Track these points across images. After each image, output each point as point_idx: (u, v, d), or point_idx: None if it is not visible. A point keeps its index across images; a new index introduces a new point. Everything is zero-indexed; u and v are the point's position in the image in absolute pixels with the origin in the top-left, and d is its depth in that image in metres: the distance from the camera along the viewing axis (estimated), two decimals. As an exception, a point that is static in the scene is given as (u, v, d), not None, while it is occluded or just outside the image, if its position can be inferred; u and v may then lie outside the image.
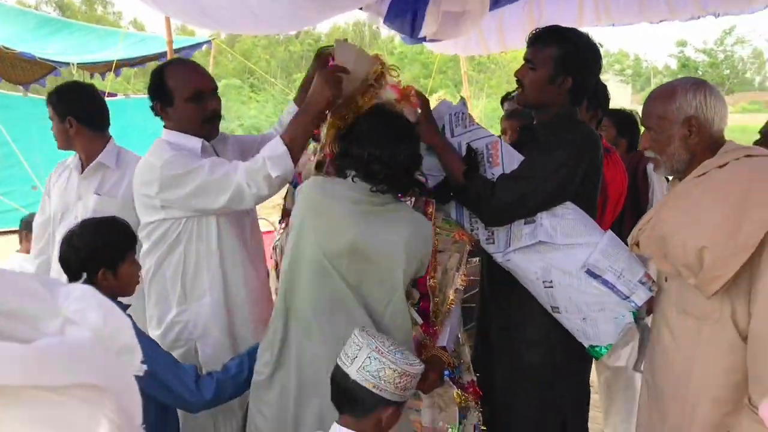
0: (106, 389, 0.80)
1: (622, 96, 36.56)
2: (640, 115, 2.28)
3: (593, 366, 3.07)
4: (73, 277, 2.17)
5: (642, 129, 2.41)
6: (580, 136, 2.39)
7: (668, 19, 4.80)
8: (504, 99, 4.96)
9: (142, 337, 2.26)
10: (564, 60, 2.35)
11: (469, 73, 8.34)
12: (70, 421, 0.75)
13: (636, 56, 60.81)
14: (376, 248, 2.10)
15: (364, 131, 2.15)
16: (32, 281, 0.84)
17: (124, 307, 2.23)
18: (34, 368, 0.72)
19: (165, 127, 2.61)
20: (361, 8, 4.02)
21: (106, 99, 3.36)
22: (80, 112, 3.06)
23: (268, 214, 6.97)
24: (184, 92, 2.51)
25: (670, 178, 2.34)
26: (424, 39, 4.36)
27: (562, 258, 2.29)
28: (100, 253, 2.17)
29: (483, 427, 2.74)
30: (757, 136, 3.87)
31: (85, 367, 0.77)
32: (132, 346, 0.89)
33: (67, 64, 9.40)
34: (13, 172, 11.45)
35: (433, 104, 2.65)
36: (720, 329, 1.98)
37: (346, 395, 1.79)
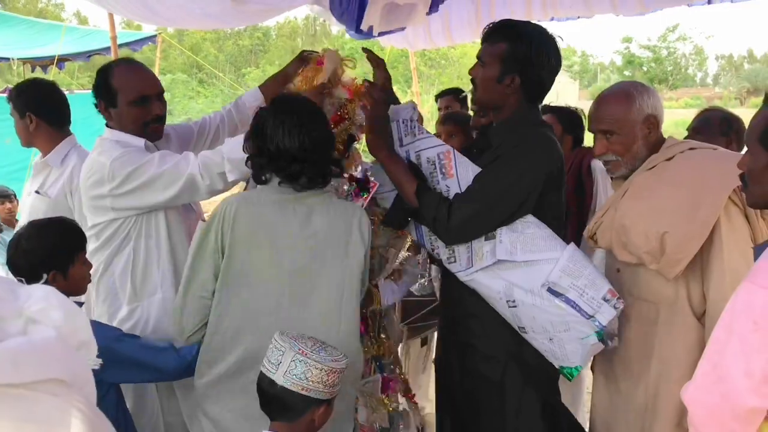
0: (71, 383, 0.85)
1: (570, 92, 37.20)
2: (594, 120, 2.30)
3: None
4: (26, 279, 2.10)
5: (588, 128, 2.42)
6: (535, 141, 2.27)
7: (611, 12, 4.89)
8: (439, 96, 4.94)
9: (108, 328, 2.28)
10: (511, 57, 2.24)
11: (419, 69, 8.38)
12: (45, 414, 0.79)
13: (583, 52, 61.88)
14: (311, 239, 2.11)
15: (269, 127, 2.08)
16: None
17: (80, 305, 2.20)
18: (6, 367, 0.77)
19: (107, 126, 2.58)
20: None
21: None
22: (39, 108, 3.05)
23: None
24: (128, 95, 2.49)
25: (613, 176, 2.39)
26: (371, 35, 4.35)
27: (523, 276, 2.18)
28: (50, 256, 2.12)
29: None
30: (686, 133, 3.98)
31: (53, 364, 0.83)
32: (89, 342, 0.95)
33: (7, 59, 9.12)
34: (-49, 170, 11.06)
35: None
36: (676, 311, 2.16)
37: (276, 402, 1.79)
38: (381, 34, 4.26)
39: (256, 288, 2.10)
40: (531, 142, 2.26)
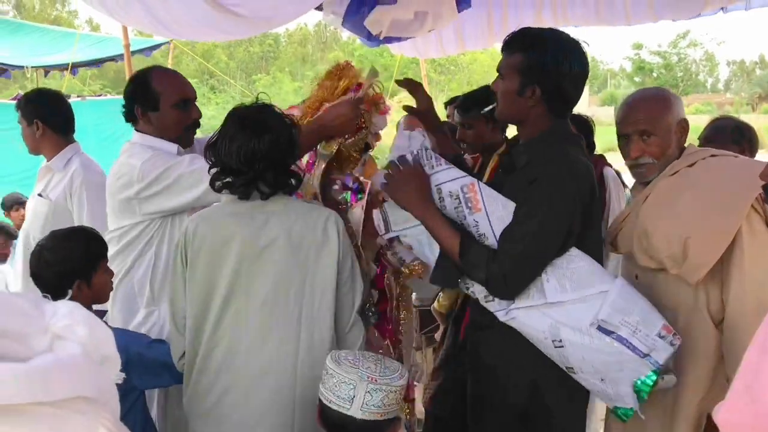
0: (97, 400, 0.85)
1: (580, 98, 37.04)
2: (629, 121, 2.24)
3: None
4: (46, 291, 2.13)
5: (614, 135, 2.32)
6: (566, 165, 2.07)
7: (625, 23, 4.90)
8: (448, 103, 4.94)
9: (137, 335, 2.32)
10: (529, 67, 2.09)
11: (429, 75, 8.37)
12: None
13: (593, 58, 61.79)
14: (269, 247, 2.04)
15: (217, 140, 2.05)
16: (20, 300, 0.88)
17: (101, 315, 2.22)
18: (36, 386, 0.77)
19: (138, 130, 2.61)
20: (319, 8, 4.02)
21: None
22: (46, 116, 3.14)
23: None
24: (170, 98, 2.53)
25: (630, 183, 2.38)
26: (382, 41, 4.37)
27: (570, 313, 2.00)
28: (74, 266, 2.14)
29: None
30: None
31: (80, 381, 0.82)
32: (113, 356, 0.94)
33: (21, 66, 9.21)
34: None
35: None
36: (695, 318, 2.14)
37: None
38: (388, 40, 4.27)
39: (219, 302, 2.06)
40: (563, 168, 2.07)
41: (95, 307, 2.22)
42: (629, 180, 2.28)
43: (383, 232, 2.31)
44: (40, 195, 3.15)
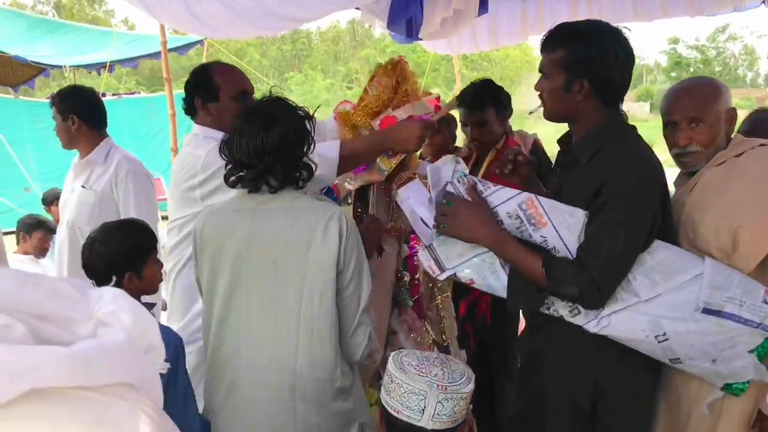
0: (139, 387, 0.84)
1: (615, 93, 36.49)
2: (677, 109, 2.20)
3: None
4: (99, 282, 2.18)
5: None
6: (639, 160, 2.01)
7: (662, 18, 4.82)
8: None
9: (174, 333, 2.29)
10: (573, 61, 2.03)
11: (461, 72, 8.34)
12: (114, 418, 0.79)
13: (628, 53, 60.83)
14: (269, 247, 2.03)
15: (230, 137, 2.06)
16: (66, 285, 0.88)
17: (150, 307, 2.26)
18: (78, 369, 0.76)
19: (198, 122, 2.69)
20: (357, 8, 4.04)
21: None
22: (81, 111, 3.25)
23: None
24: (230, 90, 2.60)
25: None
26: (413, 39, 4.36)
27: (668, 305, 1.96)
28: (125, 258, 2.18)
29: None
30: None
31: (123, 367, 0.82)
32: (157, 345, 0.93)
33: (60, 66, 9.38)
34: (8, 173, 11.44)
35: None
36: None
37: None
38: (415, 37, 4.26)
39: (221, 298, 2.08)
40: (629, 161, 2.00)
41: (144, 299, 2.25)
42: (669, 173, 2.21)
43: (437, 273, 2.19)
44: (83, 187, 3.25)
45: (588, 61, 2.01)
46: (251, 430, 2.05)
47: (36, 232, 4.95)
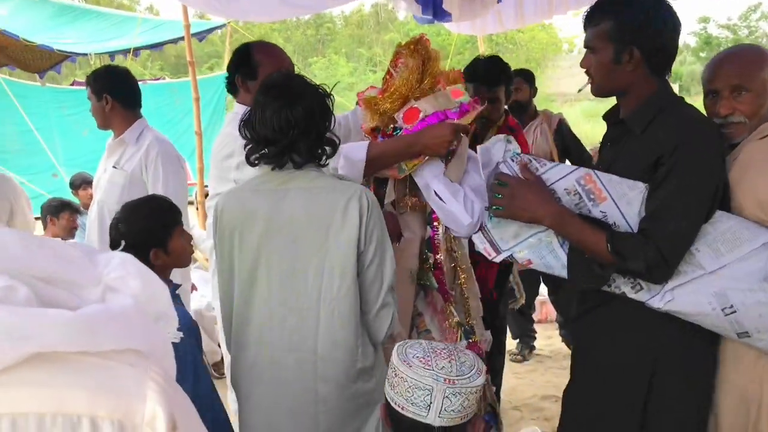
0: (148, 354, 0.83)
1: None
2: (719, 76, 2.10)
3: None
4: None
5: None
6: (698, 130, 1.95)
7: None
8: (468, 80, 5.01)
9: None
10: (622, 31, 1.98)
11: (487, 54, 8.27)
12: (120, 384, 0.77)
13: (656, 34, 59.88)
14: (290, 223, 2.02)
15: (250, 114, 2.06)
16: (73, 249, 0.86)
17: (175, 287, 2.28)
18: (83, 334, 0.75)
19: (239, 101, 2.73)
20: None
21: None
22: (114, 90, 3.30)
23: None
24: (269, 67, 2.62)
25: None
26: (435, 19, 4.31)
27: (735, 276, 1.91)
28: (147, 235, 2.20)
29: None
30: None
31: (130, 333, 0.80)
32: (168, 313, 0.92)
33: (85, 54, 9.44)
34: (36, 159, 11.60)
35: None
36: None
37: None
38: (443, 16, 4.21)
39: (243, 279, 2.08)
40: (686, 127, 1.96)
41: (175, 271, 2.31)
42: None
43: (493, 255, 2.15)
44: (114, 167, 3.28)
45: (636, 29, 1.97)
46: (272, 410, 2.06)
47: (63, 214, 5.02)
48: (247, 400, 2.12)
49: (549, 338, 5.66)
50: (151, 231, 2.21)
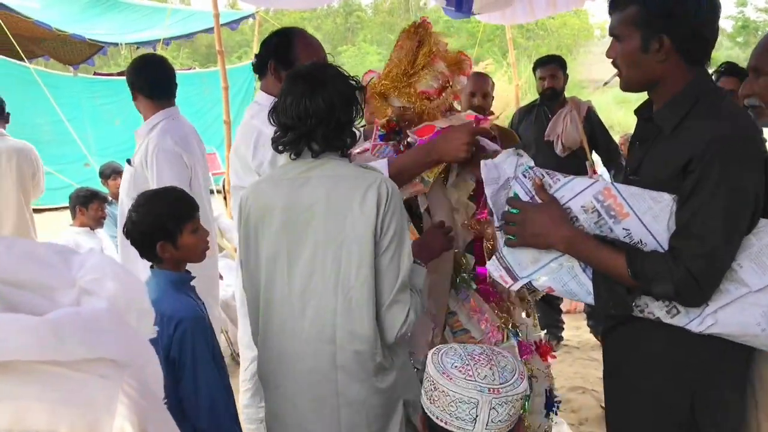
0: (125, 365, 0.76)
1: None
2: (751, 58, 1.95)
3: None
4: (139, 250, 2.22)
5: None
6: (726, 124, 1.72)
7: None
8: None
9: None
10: (649, 16, 1.77)
11: (516, 40, 8.17)
12: (88, 398, 0.71)
13: (691, 19, 58.60)
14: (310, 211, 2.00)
15: (277, 102, 2.05)
16: (45, 250, 0.81)
17: (190, 278, 2.29)
18: (49, 342, 0.68)
19: (263, 87, 2.68)
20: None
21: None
22: (136, 83, 3.24)
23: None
24: (306, 60, 2.52)
25: None
26: (470, 14, 4.27)
27: None
28: (156, 226, 2.19)
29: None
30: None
31: (103, 341, 0.74)
32: (147, 310, 0.86)
33: (116, 44, 9.55)
34: (67, 150, 11.76)
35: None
36: None
37: None
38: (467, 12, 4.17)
39: (265, 271, 2.07)
40: (725, 126, 1.72)
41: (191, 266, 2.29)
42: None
43: (510, 284, 1.98)
44: (128, 160, 3.28)
45: (666, 14, 1.76)
46: (294, 401, 2.06)
47: (93, 204, 5.06)
48: (276, 389, 2.12)
49: (577, 329, 5.59)
50: (160, 223, 2.18)
